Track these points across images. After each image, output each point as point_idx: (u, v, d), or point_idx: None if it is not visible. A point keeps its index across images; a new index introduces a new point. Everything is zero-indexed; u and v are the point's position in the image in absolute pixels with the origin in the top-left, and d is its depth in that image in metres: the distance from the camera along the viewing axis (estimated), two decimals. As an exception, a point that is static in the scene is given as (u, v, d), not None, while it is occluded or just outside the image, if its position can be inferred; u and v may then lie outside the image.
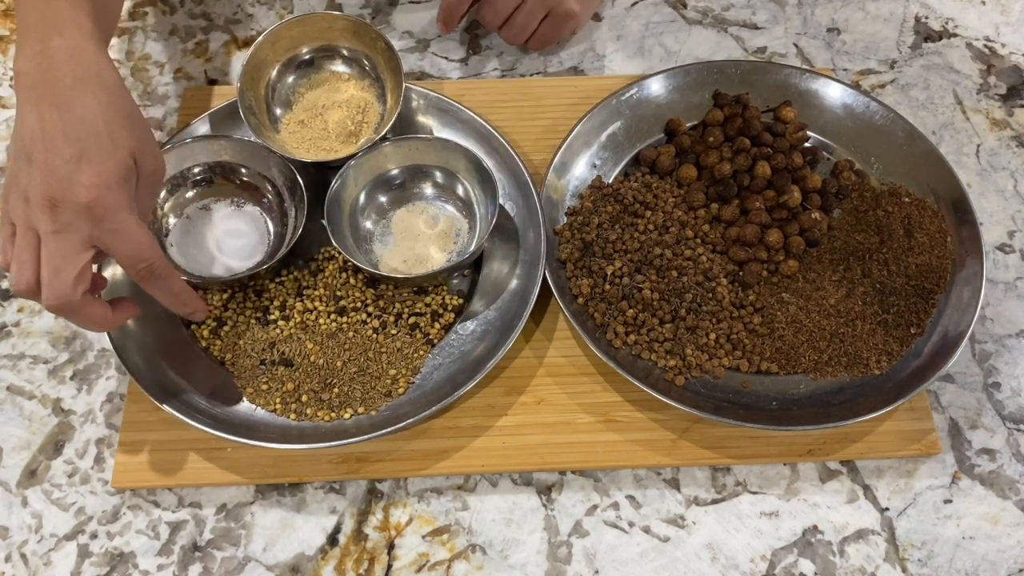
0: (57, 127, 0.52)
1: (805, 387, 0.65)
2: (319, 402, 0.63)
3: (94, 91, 0.53)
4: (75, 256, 0.51)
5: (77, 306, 0.52)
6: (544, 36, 0.79)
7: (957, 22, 0.86)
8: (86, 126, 0.52)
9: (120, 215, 0.52)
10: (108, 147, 0.52)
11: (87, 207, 0.50)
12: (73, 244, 0.51)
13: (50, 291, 0.51)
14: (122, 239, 0.52)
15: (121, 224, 0.52)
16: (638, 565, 0.61)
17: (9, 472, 0.63)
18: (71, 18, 0.55)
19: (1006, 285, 0.72)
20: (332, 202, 0.67)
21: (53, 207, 0.50)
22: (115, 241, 0.52)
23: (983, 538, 0.62)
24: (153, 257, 0.54)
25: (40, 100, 0.52)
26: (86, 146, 0.51)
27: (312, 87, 0.73)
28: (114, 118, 0.53)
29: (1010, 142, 0.79)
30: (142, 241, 0.53)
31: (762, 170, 0.70)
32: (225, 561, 0.60)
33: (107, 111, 0.53)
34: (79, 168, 0.51)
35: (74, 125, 0.52)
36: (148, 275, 0.54)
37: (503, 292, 0.67)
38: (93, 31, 0.56)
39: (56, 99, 0.52)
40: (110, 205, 0.51)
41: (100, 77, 0.54)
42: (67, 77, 0.53)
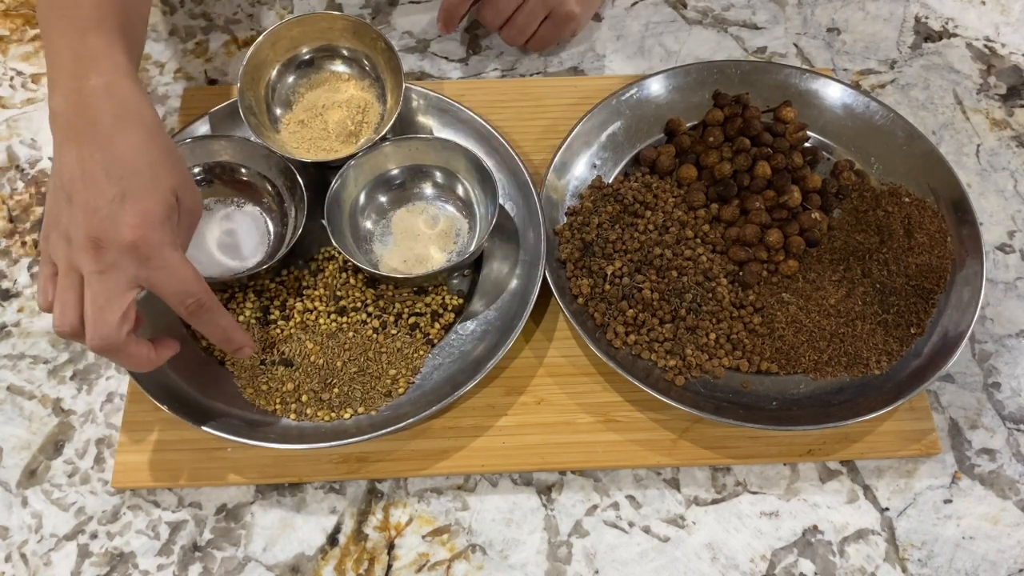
0: (98, 166, 0.51)
1: (805, 387, 0.65)
2: (319, 402, 0.63)
3: (134, 129, 0.53)
4: (120, 296, 0.51)
5: (122, 346, 0.52)
6: (544, 37, 0.79)
7: (957, 22, 0.86)
8: (128, 164, 0.51)
9: (165, 252, 0.51)
10: (150, 185, 0.52)
11: (132, 246, 0.50)
12: (118, 284, 0.51)
13: (95, 332, 0.51)
14: (168, 276, 0.52)
15: (167, 262, 0.51)
16: (638, 565, 0.61)
17: (9, 472, 0.63)
18: (106, 54, 0.55)
19: (1006, 285, 0.72)
20: (332, 202, 0.67)
21: (97, 247, 0.50)
22: (161, 279, 0.51)
23: (983, 538, 0.62)
24: (200, 292, 0.53)
25: (78, 139, 0.52)
26: (129, 184, 0.51)
27: (312, 87, 0.73)
28: (155, 156, 0.53)
29: (1010, 142, 0.79)
30: (188, 277, 0.52)
31: (762, 170, 0.70)
32: (225, 561, 0.60)
33: (148, 149, 0.53)
34: (123, 207, 0.50)
35: (115, 163, 0.51)
36: (197, 310, 0.54)
37: (503, 292, 0.67)
38: (128, 67, 0.56)
39: (95, 138, 0.52)
40: (155, 243, 0.51)
41: (139, 115, 0.54)
42: (106, 116, 0.52)
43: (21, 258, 0.71)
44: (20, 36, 0.83)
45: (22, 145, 0.77)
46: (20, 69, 0.81)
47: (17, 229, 0.73)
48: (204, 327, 0.56)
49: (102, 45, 0.55)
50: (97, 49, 0.55)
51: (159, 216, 0.51)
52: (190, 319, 0.55)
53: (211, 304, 0.54)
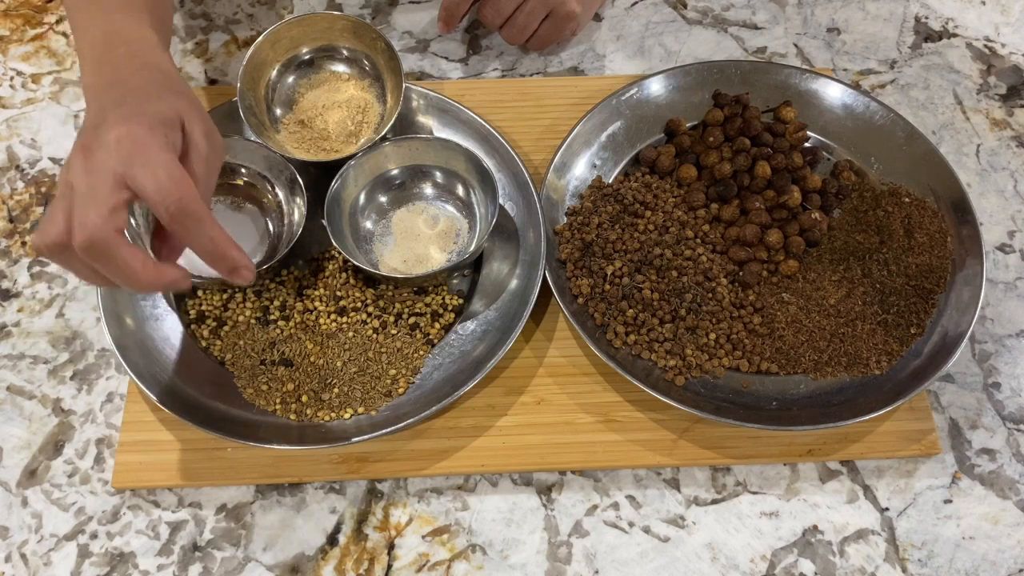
0: (111, 98, 0.53)
1: (805, 387, 0.65)
2: (319, 402, 0.63)
3: (151, 72, 0.55)
4: (106, 192, 0.48)
5: (110, 242, 0.47)
6: (544, 37, 0.79)
7: (957, 22, 0.86)
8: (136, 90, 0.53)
9: (151, 150, 0.48)
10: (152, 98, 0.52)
11: (116, 141, 0.48)
12: (104, 180, 0.48)
13: (79, 225, 0.47)
14: (150, 173, 0.48)
15: (149, 159, 0.48)
16: (638, 565, 0.61)
17: (9, 472, 0.63)
18: (135, 30, 0.57)
19: (1006, 285, 0.72)
20: (332, 202, 0.67)
21: (87, 151, 0.49)
22: (143, 176, 0.48)
23: (983, 538, 0.62)
24: (183, 193, 0.48)
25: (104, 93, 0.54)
26: (129, 99, 0.52)
27: (312, 87, 0.73)
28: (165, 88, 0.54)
29: (1010, 142, 0.79)
30: (172, 174, 0.48)
31: (762, 170, 0.70)
32: (225, 561, 0.60)
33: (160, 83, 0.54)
34: (116, 112, 0.51)
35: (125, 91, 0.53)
36: (178, 214, 0.48)
37: (503, 292, 0.67)
38: (157, 41, 0.58)
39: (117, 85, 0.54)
40: (139, 139, 0.49)
41: (159, 65, 0.56)
42: (133, 66, 0.55)
43: (21, 258, 0.71)
44: (20, 36, 0.83)
45: (22, 145, 0.77)
46: (20, 69, 0.81)
47: (17, 229, 0.73)
48: (191, 239, 0.50)
49: (131, 23, 0.58)
50: (125, 25, 0.57)
51: (148, 120, 0.50)
52: (173, 225, 0.49)
53: (197, 210, 0.49)
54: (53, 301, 0.70)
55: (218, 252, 0.51)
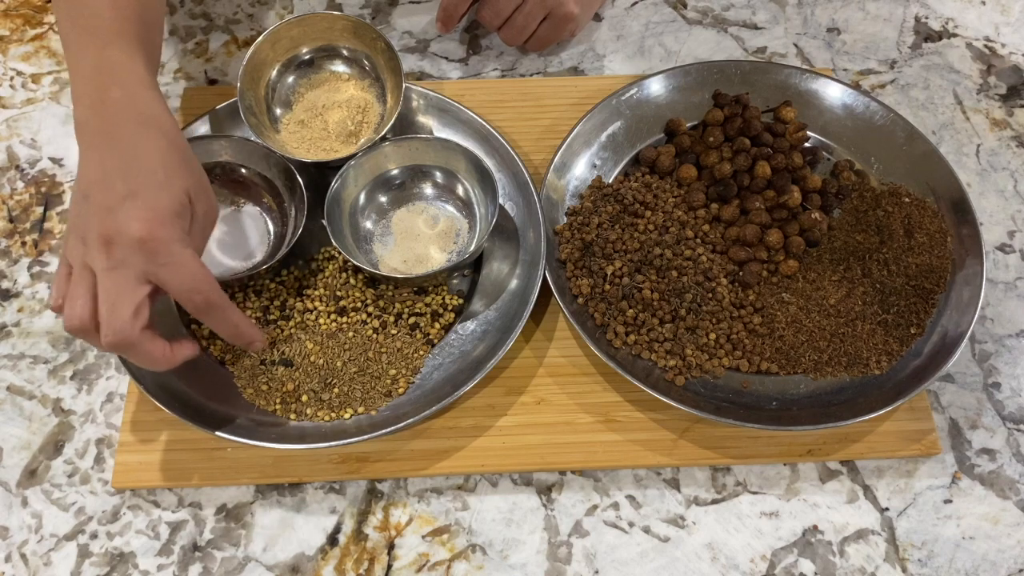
0: (116, 168, 0.52)
1: (805, 387, 0.65)
2: (319, 402, 0.63)
3: (154, 135, 0.54)
4: (131, 291, 0.51)
5: (135, 341, 0.52)
6: (543, 38, 0.79)
7: (957, 22, 0.86)
8: (143, 166, 0.53)
9: (174, 248, 0.52)
10: (163, 184, 0.53)
11: (140, 241, 0.50)
12: (128, 279, 0.51)
13: (108, 327, 0.51)
14: (176, 272, 0.52)
15: (175, 258, 0.52)
16: (638, 565, 0.61)
17: (9, 472, 0.63)
18: (127, 67, 0.56)
19: (1006, 285, 0.72)
20: (332, 202, 0.67)
21: (107, 244, 0.51)
22: (169, 274, 0.52)
23: (983, 538, 0.62)
24: (209, 289, 0.53)
25: (100, 146, 0.53)
26: (141, 183, 0.52)
27: (312, 87, 0.73)
28: (170, 159, 0.54)
29: (1010, 142, 0.79)
30: (196, 274, 0.53)
31: (762, 170, 0.70)
32: (225, 561, 0.60)
33: (164, 153, 0.54)
34: (133, 204, 0.51)
35: (131, 165, 0.52)
36: (205, 306, 0.54)
37: (503, 292, 0.67)
38: (147, 78, 0.57)
39: (116, 144, 0.53)
40: (163, 239, 0.51)
41: (159, 122, 0.55)
42: (127, 124, 0.54)
43: (21, 258, 0.71)
44: (20, 36, 0.83)
45: (22, 145, 0.77)
46: (20, 69, 0.81)
47: (17, 229, 0.73)
48: (214, 324, 0.56)
49: (123, 58, 0.56)
50: (117, 61, 0.56)
51: (168, 213, 0.52)
52: (199, 315, 0.55)
53: (220, 301, 0.55)
54: (53, 301, 0.70)
55: (237, 333, 0.57)
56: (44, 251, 0.72)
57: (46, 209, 0.74)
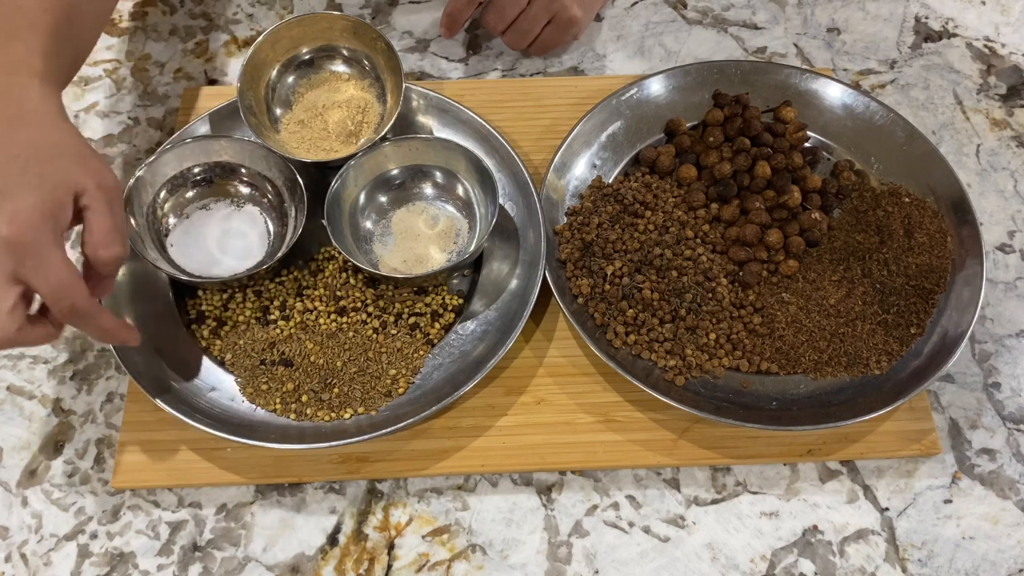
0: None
1: (805, 387, 0.65)
2: (319, 402, 0.63)
3: (27, 128, 0.52)
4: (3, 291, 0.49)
5: (16, 339, 0.50)
6: (546, 42, 0.79)
7: (957, 22, 0.86)
8: (14, 164, 0.51)
9: (41, 251, 0.50)
10: (33, 183, 0.51)
11: (6, 242, 0.49)
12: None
13: None
14: (43, 276, 0.50)
15: (42, 260, 0.50)
16: (638, 565, 0.61)
17: (9, 472, 0.63)
18: (22, 59, 0.55)
19: (1006, 285, 0.72)
20: (332, 202, 0.67)
21: None
22: (36, 278, 0.50)
23: (983, 538, 0.62)
24: (74, 296, 0.51)
25: None
26: (9, 184, 0.50)
27: (312, 87, 0.73)
28: (45, 152, 0.52)
29: (1010, 142, 0.79)
30: (63, 279, 0.50)
31: (762, 170, 0.70)
32: (225, 561, 0.60)
33: (38, 145, 0.52)
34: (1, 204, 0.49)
35: (5, 164, 0.51)
36: (70, 313, 0.52)
37: (503, 292, 0.67)
38: (43, 69, 0.55)
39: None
40: (30, 242, 0.49)
41: (36, 112, 0.53)
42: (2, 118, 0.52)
43: (21, 258, 0.71)
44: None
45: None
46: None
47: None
48: (83, 328, 0.54)
49: (21, 49, 0.55)
50: (14, 54, 0.55)
51: (37, 214, 0.50)
52: (64, 320, 0.53)
53: (86, 307, 0.52)
54: (53, 301, 0.70)
55: (108, 335, 0.55)
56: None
57: None
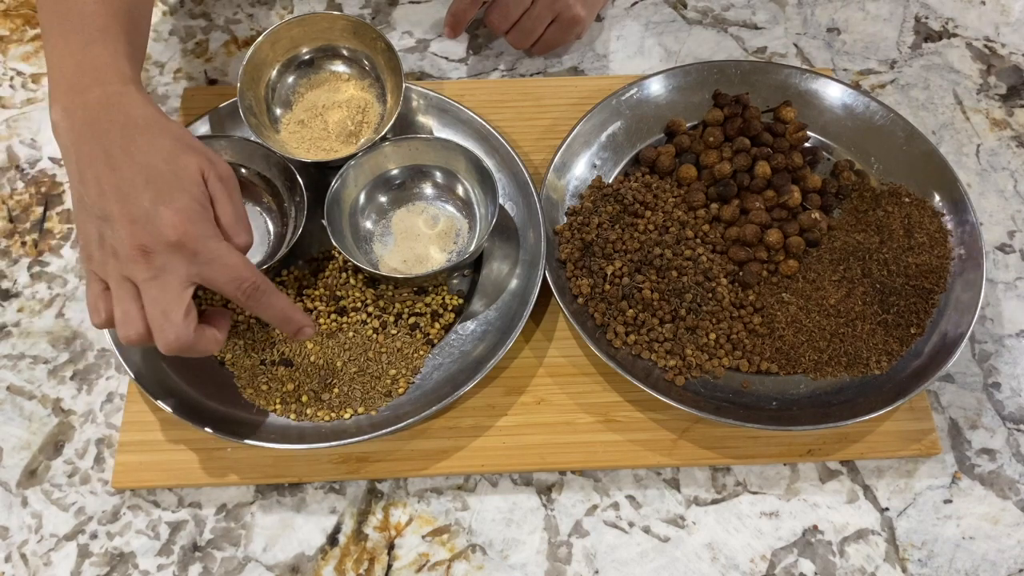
0: (124, 179, 0.52)
1: (805, 387, 0.65)
2: (319, 402, 0.63)
3: (143, 133, 0.53)
4: (179, 295, 0.51)
5: (194, 342, 0.52)
6: (549, 41, 0.79)
7: (957, 22, 0.86)
8: (150, 169, 0.52)
9: (210, 244, 0.52)
10: (175, 182, 0.52)
11: (178, 244, 0.51)
12: (174, 284, 0.51)
13: (164, 335, 0.51)
14: (220, 266, 0.52)
15: (213, 253, 0.52)
16: (638, 565, 0.61)
17: (9, 472, 0.63)
18: (110, 65, 0.55)
19: (1006, 285, 0.72)
20: (332, 202, 0.67)
21: (146, 254, 0.51)
22: (213, 271, 0.52)
23: (983, 538, 0.62)
24: (253, 276, 0.54)
25: (92, 156, 0.52)
26: (157, 188, 0.52)
27: (312, 87, 0.73)
28: (170, 151, 0.53)
29: (1010, 142, 0.79)
30: (238, 263, 0.53)
31: (762, 170, 0.70)
32: (225, 561, 0.60)
33: (161, 148, 0.53)
34: (158, 210, 0.51)
35: (139, 172, 0.52)
36: (254, 293, 0.54)
37: (503, 292, 0.67)
38: (132, 75, 0.56)
39: (110, 152, 0.52)
40: (198, 237, 0.51)
41: (144, 116, 0.54)
42: (114, 128, 0.53)
43: (21, 258, 0.71)
44: (20, 36, 0.83)
45: (22, 145, 0.77)
46: (20, 69, 0.81)
47: (17, 229, 0.73)
48: (262, 310, 0.56)
49: (106, 56, 0.55)
50: (101, 60, 0.55)
51: (194, 209, 0.52)
52: (247, 304, 0.55)
53: (266, 286, 0.55)
54: (53, 301, 0.70)
55: (285, 317, 0.57)
56: (44, 251, 0.72)
57: (46, 209, 0.74)
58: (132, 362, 0.62)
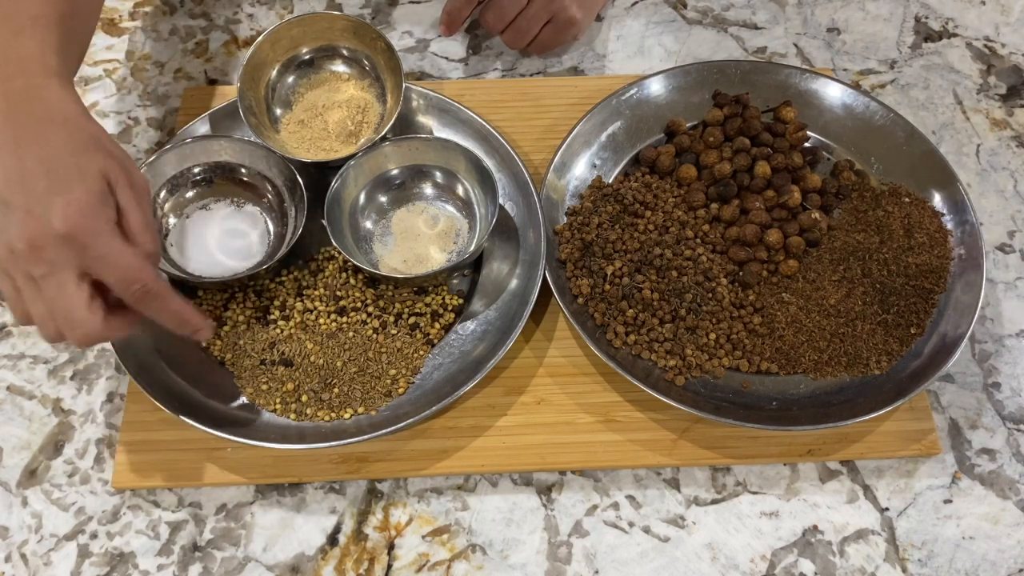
0: (27, 168, 0.50)
1: (805, 387, 0.65)
2: (319, 402, 0.63)
3: (55, 126, 0.52)
4: (76, 289, 0.50)
5: (104, 332, 0.51)
6: (545, 42, 0.79)
7: (957, 22, 0.86)
8: (52, 161, 0.51)
9: (102, 240, 0.50)
10: (75, 175, 0.51)
11: (67, 237, 0.49)
12: (69, 279, 0.50)
13: (73, 334, 0.50)
14: (110, 264, 0.50)
15: (105, 249, 0.50)
16: (638, 565, 0.61)
17: (9, 472, 0.63)
18: (36, 57, 0.54)
19: (1006, 285, 0.72)
20: (332, 202, 0.67)
21: (36, 249, 0.49)
22: (103, 267, 0.50)
23: (983, 538, 0.62)
24: (145, 278, 0.52)
25: (6, 145, 0.51)
26: (54, 179, 0.50)
27: (312, 87, 0.73)
28: (79, 146, 0.52)
29: (1010, 142, 0.79)
30: (130, 263, 0.51)
31: (762, 170, 0.70)
32: (225, 561, 0.60)
33: (71, 142, 0.52)
34: (51, 201, 0.49)
35: (41, 163, 0.50)
36: (143, 296, 0.52)
37: (503, 292, 0.67)
38: (58, 67, 0.55)
39: (21, 142, 0.51)
40: (89, 231, 0.50)
41: (62, 111, 0.53)
42: (30, 119, 0.52)
43: (21, 258, 0.71)
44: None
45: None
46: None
47: (17, 229, 0.73)
48: (154, 313, 0.54)
49: (33, 46, 0.54)
50: (27, 51, 0.54)
51: (88, 203, 0.50)
52: (137, 306, 0.53)
53: (158, 289, 0.52)
54: (53, 301, 0.70)
55: (181, 320, 0.55)
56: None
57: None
58: (132, 362, 0.62)
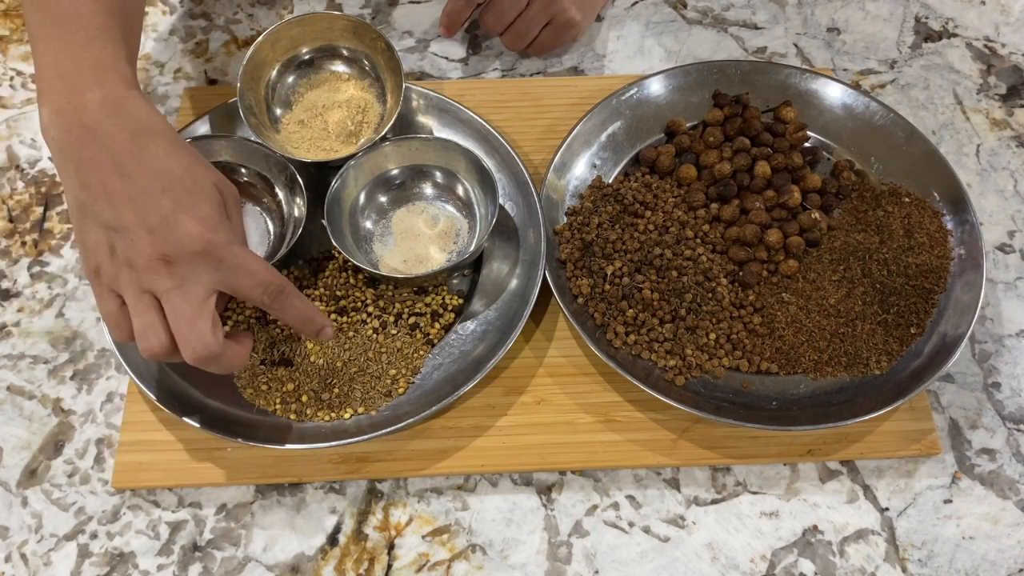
0: (137, 187, 0.50)
1: (805, 387, 0.65)
2: (319, 402, 0.63)
3: (155, 140, 0.51)
4: (203, 305, 0.50)
5: (220, 352, 0.51)
6: (544, 43, 0.79)
7: (957, 22, 0.86)
8: (166, 176, 0.50)
9: (234, 251, 0.51)
10: (196, 189, 0.51)
11: (203, 253, 0.49)
12: (198, 294, 0.50)
13: (191, 345, 0.50)
14: (245, 273, 0.51)
15: (240, 259, 0.51)
16: (638, 565, 0.61)
17: (9, 472, 0.63)
18: (111, 66, 0.53)
19: (1006, 285, 0.72)
20: (332, 202, 0.67)
21: (168, 264, 0.49)
22: (238, 277, 0.51)
23: (983, 538, 0.62)
24: (277, 278, 0.53)
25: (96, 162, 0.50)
26: (176, 195, 0.50)
27: (312, 87, 0.73)
28: (186, 160, 0.52)
29: (1010, 142, 0.79)
30: (261, 268, 0.52)
31: (762, 170, 0.70)
32: (225, 561, 0.60)
33: (178, 156, 0.52)
34: (179, 218, 0.49)
35: (154, 180, 0.50)
36: (279, 296, 0.53)
37: (503, 292, 0.67)
38: (132, 78, 0.54)
39: (118, 159, 0.50)
40: (222, 244, 0.50)
41: (151, 124, 0.52)
42: (121, 133, 0.51)
43: (21, 258, 0.71)
44: (20, 36, 0.83)
45: (22, 145, 0.77)
46: (20, 69, 0.81)
47: (17, 229, 0.73)
48: (284, 312, 0.55)
49: (107, 56, 0.53)
50: (101, 60, 0.53)
51: (215, 219, 0.51)
52: (272, 307, 0.54)
53: (289, 288, 0.54)
54: (53, 301, 0.70)
55: (306, 318, 0.56)
56: (44, 251, 0.72)
57: (46, 209, 0.74)
58: (132, 362, 0.62)
